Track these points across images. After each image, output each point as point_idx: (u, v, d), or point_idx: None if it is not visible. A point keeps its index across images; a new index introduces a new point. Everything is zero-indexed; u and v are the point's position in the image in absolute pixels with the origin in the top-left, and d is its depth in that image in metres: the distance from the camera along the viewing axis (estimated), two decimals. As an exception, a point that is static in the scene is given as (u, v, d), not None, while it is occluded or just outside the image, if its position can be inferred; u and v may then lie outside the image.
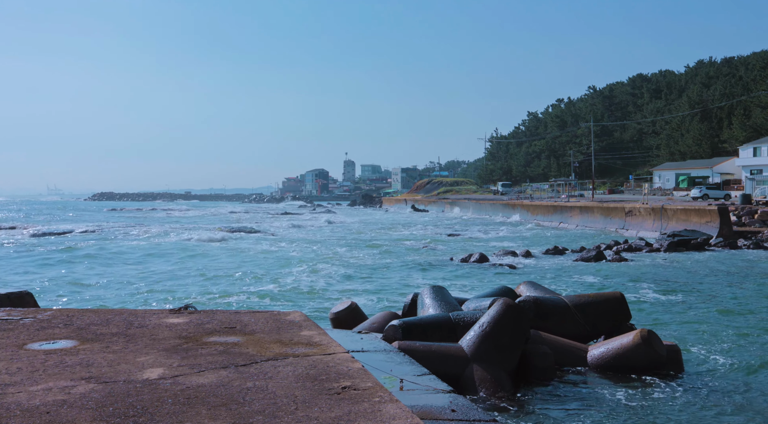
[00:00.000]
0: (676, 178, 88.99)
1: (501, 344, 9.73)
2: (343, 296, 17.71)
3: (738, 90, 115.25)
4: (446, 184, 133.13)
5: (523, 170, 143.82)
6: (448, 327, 10.62)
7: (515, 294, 12.90)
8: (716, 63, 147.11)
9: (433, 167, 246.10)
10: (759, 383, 10.29)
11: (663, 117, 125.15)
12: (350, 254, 31.81)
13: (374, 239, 43.60)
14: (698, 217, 38.66)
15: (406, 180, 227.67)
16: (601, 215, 49.25)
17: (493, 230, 51.57)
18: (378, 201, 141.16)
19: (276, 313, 7.91)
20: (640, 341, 10.16)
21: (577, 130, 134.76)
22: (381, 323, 12.32)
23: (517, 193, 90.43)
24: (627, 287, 19.56)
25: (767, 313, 15.65)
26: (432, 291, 11.94)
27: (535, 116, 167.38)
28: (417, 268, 25.18)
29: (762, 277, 22.15)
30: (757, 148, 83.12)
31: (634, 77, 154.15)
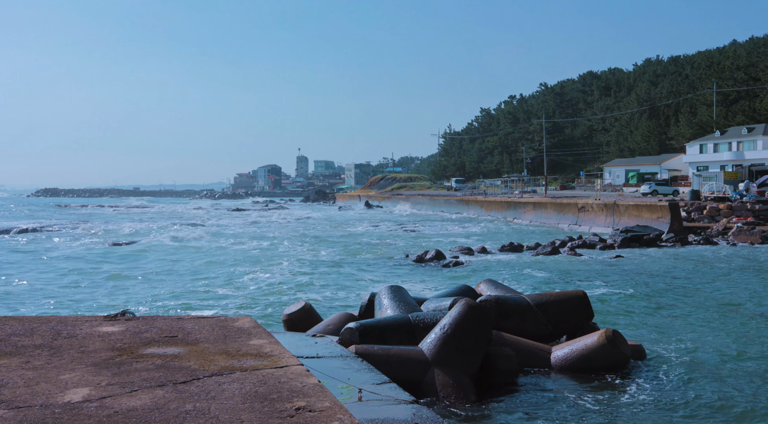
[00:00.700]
0: (625, 175, 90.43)
1: (463, 347, 9.27)
2: (296, 296, 17.08)
3: (684, 88, 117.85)
4: (400, 180, 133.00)
5: (476, 166, 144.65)
6: (408, 329, 10.13)
7: (475, 293, 12.49)
8: (663, 61, 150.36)
9: (387, 163, 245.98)
10: (721, 381, 10.06)
11: (612, 114, 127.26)
12: (304, 251, 31.13)
13: (328, 235, 42.95)
14: (650, 213, 39.04)
15: (359, 176, 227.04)
16: (555, 210, 49.50)
17: (448, 227, 51.38)
18: (331, 197, 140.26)
19: (223, 319, 7.28)
20: (605, 342, 9.83)
21: (529, 127, 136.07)
22: (337, 324, 11.77)
23: (471, 190, 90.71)
24: (584, 284, 19.38)
25: (724, 309, 15.59)
26: (390, 291, 11.42)
27: (488, 113, 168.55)
28: (372, 265, 24.66)
29: (714, 272, 22.27)
30: (703, 145, 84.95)
31: (584, 75, 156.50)
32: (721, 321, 14.18)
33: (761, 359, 11.26)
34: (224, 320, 7.23)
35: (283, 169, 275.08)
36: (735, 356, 11.40)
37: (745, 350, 11.76)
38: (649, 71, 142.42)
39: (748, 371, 10.54)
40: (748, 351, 11.74)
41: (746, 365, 10.87)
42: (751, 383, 9.95)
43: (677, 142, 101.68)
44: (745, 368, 10.77)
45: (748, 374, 10.43)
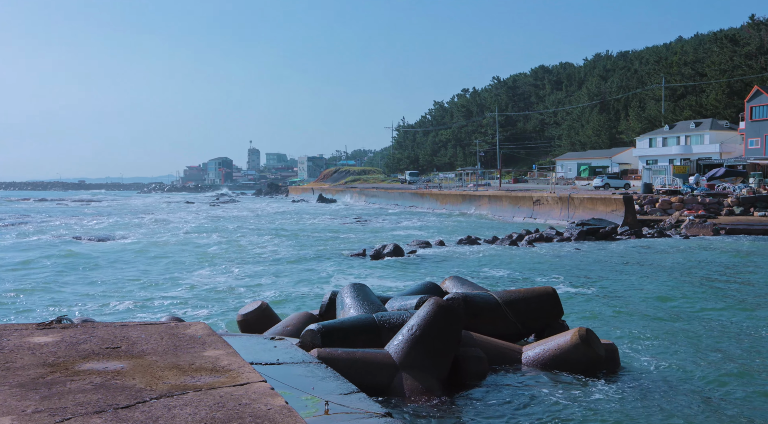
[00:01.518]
0: (577, 168, 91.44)
1: (432, 349, 8.72)
2: (251, 295, 16.31)
3: (633, 83, 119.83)
4: (354, 173, 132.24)
5: (429, 159, 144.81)
6: (373, 330, 9.52)
7: (441, 290, 11.97)
8: (613, 57, 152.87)
9: (340, 156, 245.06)
10: (696, 378, 9.75)
11: (564, 108, 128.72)
12: (257, 246, 30.25)
13: (282, 230, 42.06)
14: (604, 206, 39.23)
15: (312, 169, 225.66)
16: (510, 203, 49.51)
17: (404, 220, 50.96)
18: (284, 190, 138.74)
19: (173, 325, 6.55)
20: (579, 341, 9.39)
21: (482, 120, 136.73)
22: (296, 325, 11.10)
23: (426, 183, 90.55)
24: (546, 279, 19.08)
25: (689, 303, 15.42)
26: (353, 289, 10.79)
27: (441, 106, 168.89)
28: (330, 260, 23.99)
29: (673, 265, 22.24)
30: (652, 139, 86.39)
31: (536, 69, 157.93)
32: (687, 315, 13.97)
33: (729, 349, 11.02)
34: (174, 326, 6.51)
35: (234, 162, 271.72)
36: (707, 351, 11.13)
37: (715, 346, 11.51)
38: (599, 66, 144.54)
39: (718, 364, 10.27)
40: (718, 345, 11.49)
41: (714, 356, 10.61)
42: (725, 375, 9.68)
43: (627, 136, 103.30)
44: (715, 361, 10.50)
45: (718, 366, 10.15)
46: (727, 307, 14.91)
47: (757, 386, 9.52)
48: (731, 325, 13.17)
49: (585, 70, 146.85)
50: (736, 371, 10.24)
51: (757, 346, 11.64)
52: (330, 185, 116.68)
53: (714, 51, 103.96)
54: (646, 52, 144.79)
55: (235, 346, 8.60)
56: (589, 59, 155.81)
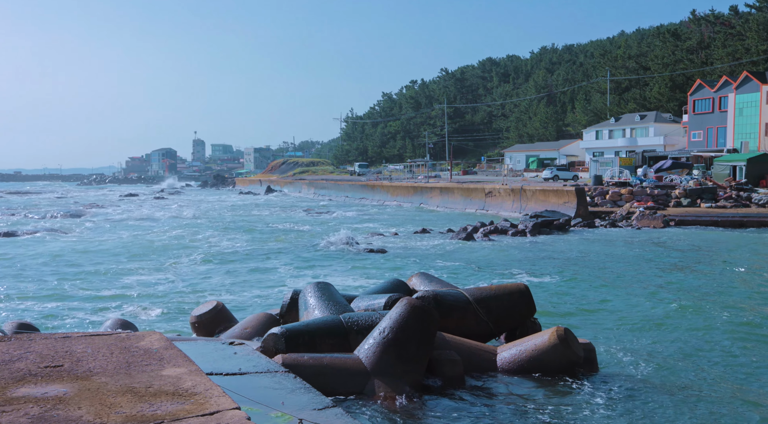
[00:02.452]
0: (526, 160, 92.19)
1: (406, 354, 8.13)
2: (203, 294, 15.43)
3: (579, 76, 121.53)
4: (302, 164, 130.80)
5: (378, 151, 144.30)
6: (340, 333, 8.86)
7: (408, 288, 11.38)
8: (558, 50, 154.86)
9: (288, 147, 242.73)
10: (676, 374, 9.43)
11: (512, 100, 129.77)
12: (207, 241, 29.20)
13: (232, 223, 40.94)
14: (556, 198, 39.30)
15: (259, 160, 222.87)
16: (462, 195, 49.34)
17: (355, 212, 50.33)
18: (231, 182, 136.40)
19: (124, 336, 5.79)
20: (557, 342, 8.92)
21: (431, 112, 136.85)
22: (255, 327, 10.38)
23: (376, 174, 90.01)
24: (507, 273, 18.73)
25: (654, 295, 15.20)
26: (317, 289, 10.10)
27: (389, 97, 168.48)
28: (284, 255, 23.19)
29: (631, 257, 22.18)
30: (598, 131, 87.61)
31: (484, 61, 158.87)
32: (654, 307, 13.74)
33: (699, 341, 10.76)
34: (126, 338, 5.75)
35: (178, 152, 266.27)
36: (679, 345, 10.84)
37: (685, 338, 11.23)
38: (546, 59, 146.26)
39: (693, 358, 9.97)
40: (688, 338, 11.23)
41: (687, 349, 10.33)
42: (702, 369, 9.37)
43: (574, 129, 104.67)
44: (690, 354, 10.22)
45: (694, 361, 9.86)
46: (693, 299, 14.76)
47: (736, 380, 9.24)
48: (701, 317, 12.97)
49: (532, 62, 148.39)
50: (712, 364, 9.99)
51: (718, 337, 11.43)
52: (278, 177, 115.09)
53: (657, 45, 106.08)
54: (590, 46, 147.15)
55: (190, 353, 7.84)
56: (535, 52, 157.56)
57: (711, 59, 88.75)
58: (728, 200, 39.27)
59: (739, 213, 35.34)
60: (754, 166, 43.66)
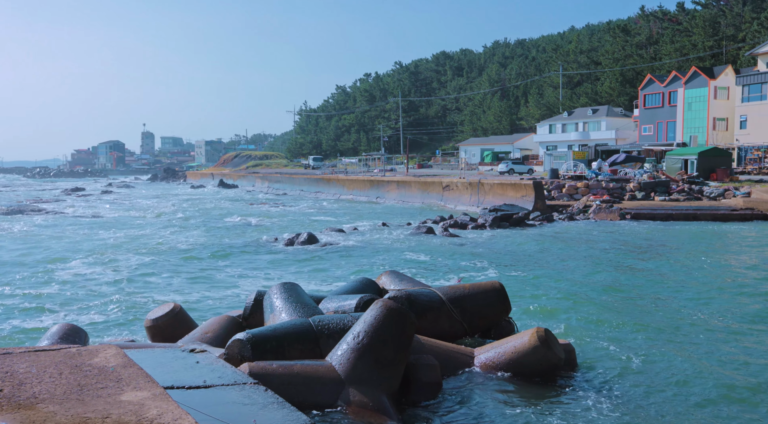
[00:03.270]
0: (481, 153, 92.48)
1: (383, 360, 7.60)
2: (157, 294, 14.62)
3: (531, 70, 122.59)
4: (255, 158, 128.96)
5: (333, 144, 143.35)
6: (310, 338, 8.28)
7: (378, 287, 10.87)
8: (511, 44, 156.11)
9: (239, 140, 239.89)
10: (652, 373, 9.16)
11: (466, 94, 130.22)
12: (160, 237, 28.18)
13: (185, 218, 39.82)
14: (514, 191, 39.25)
15: (210, 153, 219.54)
16: (419, 189, 49.02)
17: (312, 206, 49.60)
18: (182, 175, 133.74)
19: (74, 352, 5.14)
20: (538, 344, 8.51)
21: (385, 105, 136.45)
22: (216, 331, 9.74)
23: (331, 168, 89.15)
24: (472, 268, 18.37)
25: (623, 288, 15.00)
26: (283, 290, 9.50)
27: (343, 90, 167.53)
28: (241, 252, 22.40)
29: (593, 250, 22.06)
30: (552, 125, 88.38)
31: (437, 54, 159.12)
32: (621, 300, 13.52)
33: (673, 333, 10.52)
34: (77, 354, 5.09)
35: (126, 145, 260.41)
36: (654, 340, 10.58)
37: (659, 333, 10.99)
38: (498, 53, 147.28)
39: (669, 353, 9.70)
40: (662, 332, 10.99)
41: (662, 343, 10.06)
42: (679, 365, 9.12)
43: (527, 123, 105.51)
44: (665, 349, 9.96)
45: (670, 357, 9.59)
46: (659, 291, 14.61)
47: (713, 370, 8.99)
48: (669, 309, 12.78)
49: (485, 56, 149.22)
50: (685, 357, 9.75)
51: (687, 329, 11.23)
52: (231, 170, 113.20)
53: (607, 41, 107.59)
54: (542, 41, 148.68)
55: (147, 362, 7.18)
56: (488, 46, 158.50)
57: (660, 55, 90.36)
58: (681, 194, 39.78)
59: (692, 206, 35.78)
60: (705, 160, 44.38)
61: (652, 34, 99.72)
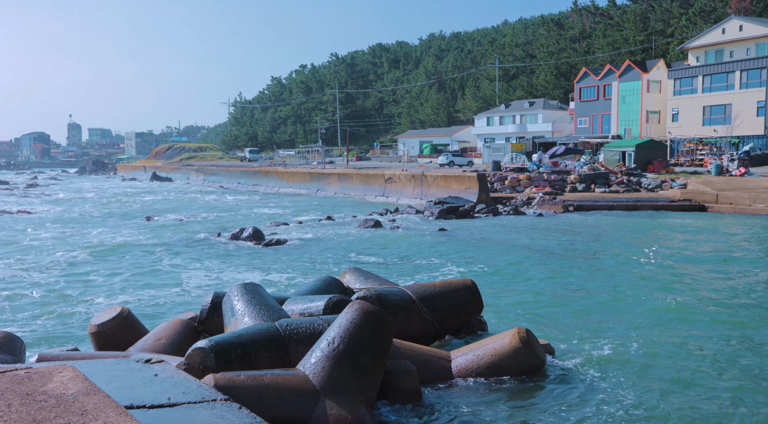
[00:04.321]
0: (420, 146, 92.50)
1: (360, 368, 7.01)
2: (96, 297, 13.58)
3: (468, 63, 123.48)
4: (189, 150, 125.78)
5: (269, 136, 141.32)
6: (278, 344, 7.61)
7: (343, 286, 10.25)
8: (446, 37, 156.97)
9: (171, 132, 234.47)
10: (635, 369, 8.85)
11: (403, 86, 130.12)
12: (93, 235, 26.78)
13: (120, 213, 38.17)
14: (458, 184, 39.11)
15: (141, 145, 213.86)
16: (361, 182, 48.43)
17: (252, 199, 48.44)
18: (112, 168, 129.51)
19: (23, 376, 4.38)
20: (520, 345, 8.07)
21: (322, 97, 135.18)
22: (170, 337, 8.96)
23: (269, 160, 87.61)
24: (428, 263, 17.93)
25: (582, 281, 14.80)
26: (244, 291, 8.76)
27: (279, 81, 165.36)
28: (183, 247, 21.34)
29: (545, 242, 21.94)
30: (489, 117, 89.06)
31: (374, 46, 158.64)
32: (581, 293, 13.29)
33: (642, 325, 10.30)
34: (26, 378, 4.32)
35: (52, 137, 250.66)
36: (614, 328, 10.31)
37: (627, 328, 10.74)
38: (434, 46, 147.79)
39: (642, 347, 9.44)
40: (628, 326, 10.75)
41: (619, 331, 9.81)
42: (656, 359, 8.84)
43: (464, 115, 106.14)
44: (638, 343, 9.70)
45: (645, 351, 9.32)
46: (616, 282, 14.46)
47: (678, 363, 8.76)
48: (629, 300, 12.59)
49: (421, 49, 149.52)
50: (655, 352, 9.50)
51: (646, 320, 11.06)
52: (164, 163, 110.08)
53: (542, 34, 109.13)
54: (476, 34, 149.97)
55: (98, 376, 6.44)
56: (424, 39, 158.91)
57: (593, 49, 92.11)
58: (620, 185, 40.42)
59: (632, 198, 36.36)
60: (641, 152, 45.24)
61: (585, 29, 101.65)
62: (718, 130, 54.90)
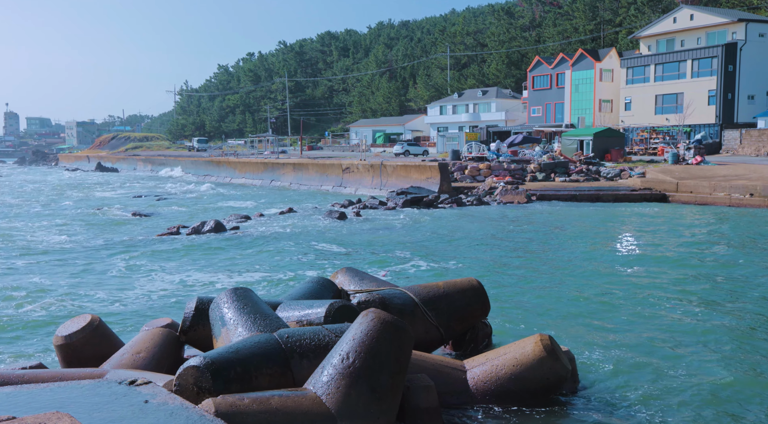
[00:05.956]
0: (373, 135, 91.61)
1: (380, 387, 6.19)
2: (55, 304, 12.37)
3: (418, 52, 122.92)
4: (135, 139, 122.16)
5: (217, 125, 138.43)
6: (280, 359, 6.70)
7: (336, 288, 9.39)
8: (395, 26, 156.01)
9: (114, 121, 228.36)
10: (651, 373, 8.28)
11: (353, 75, 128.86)
12: (36, 232, 25.20)
13: (66, 206, 36.35)
14: (419, 173, 38.46)
15: (83, 135, 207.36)
16: (317, 172, 47.37)
17: (204, 190, 46.92)
18: (53, 158, 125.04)
19: None
20: (544, 354, 7.35)
21: (271, 85, 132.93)
22: (151, 349, 7.95)
23: (218, 150, 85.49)
24: (402, 258, 17.18)
25: (574, 277, 14.26)
26: (235, 297, 7.80)
27: (226, 70, 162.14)
28: (140, 245, 20.06)
29: (516, 233, 21.44)
30: (442, 106, 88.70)
31: (322, 35, 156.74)
32: (569, 286, 12.75)
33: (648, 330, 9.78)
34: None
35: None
36: (639, 338, 9.75)
37: (639, 331, 10.20)
38: (384, 34, 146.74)
39: (662, 357, 8.90)
40: (639, 329, 10.21)
41: (651, 347, 9.27)
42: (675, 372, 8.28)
43: (416, 104, 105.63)
44: (656, 352, 9.15)
45: (664, 362, 8.77)
46: (609, 278, 13.97)
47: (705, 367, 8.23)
48: (630, 296, 12.10)
49: (370, 37, 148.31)
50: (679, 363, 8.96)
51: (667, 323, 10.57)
52: (109, 153, 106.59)
53: (492, 23, 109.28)
54: (425, 22, 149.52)
55: (79, 406, 5.53)
56: (372, 27, 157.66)
57: (543, 38, 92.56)
58: (580, 174, 40.36)
59: (593, 187, 36.28)
60: (599, 141, 45.36)
61: (535, 18, 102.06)
62: (671, 118, 55.59)
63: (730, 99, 53.20)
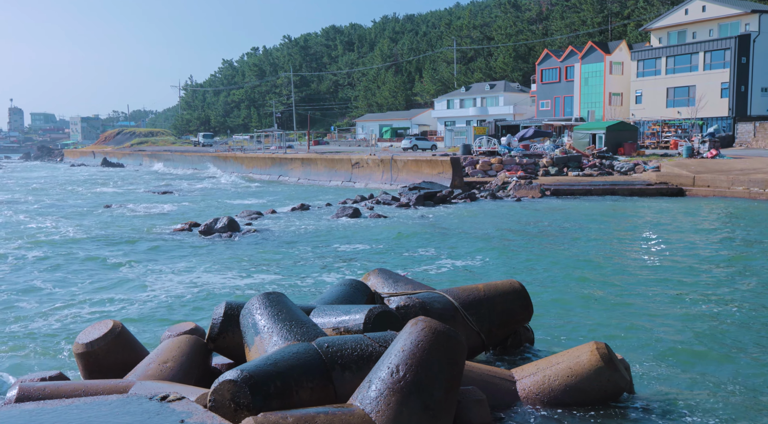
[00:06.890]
0: (379, 129, 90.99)
1: (433, 403, 5.68)
2: (67, 307, 11.88)
3: (423, 46, 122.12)
4: (140, 135, 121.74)
5: (222, 120, 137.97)
6: (321, 371, 6.19)
7: (370, 290, 8.89)
8: (400, 19, 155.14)
9: (118, 117, 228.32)
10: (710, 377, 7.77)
11: (358, 69, 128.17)
12: (46, 228, 24.76)
13: (73, 203, 35.91)
14: (430, 168, 37.96)
15: (87, 130, 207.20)
16: (326, 167, 46.86)
17: (213, 186, 46.43)
18: (59, 154, 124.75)
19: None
20: (602, 364, 6.84)
21: (276, 80, 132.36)
22: (178, 358, 7.43)
23: (225, 145, 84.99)
24: (425, 256, 16.68)
25: (610, 278, 13.74)
26: (268, 304, 7.28)
27: (230, 64, 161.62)
28: (151, 243, 19.54)
29: (537, 229, 20.93)
30: (450, 100, 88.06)
31: (327, 29, 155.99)
32: (628, 294, 12.24)
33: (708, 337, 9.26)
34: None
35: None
36: (697, 348, 9.23)
37: (693, 337, 9.69)
38: (389, 28, 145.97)
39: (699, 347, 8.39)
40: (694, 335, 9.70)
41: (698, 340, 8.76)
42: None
43: (422, 98, 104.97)
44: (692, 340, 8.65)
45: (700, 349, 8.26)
46: (659, 279, 13.46)
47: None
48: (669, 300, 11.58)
49: (375, 31, 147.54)
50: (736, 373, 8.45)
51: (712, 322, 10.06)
52: (114, 148, 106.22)
53: (499, 16, 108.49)
54: (430, 16, 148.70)
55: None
56: (377, 21, 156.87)
57: (550, 30, 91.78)
58: (593, 168, 39.78)
59: (608, 181, 35.72)
60: (612, 135, 44.75)
61: (542, 10, 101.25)
62: (682, 112, 54.91)
63: (743, 91, 52.48)
